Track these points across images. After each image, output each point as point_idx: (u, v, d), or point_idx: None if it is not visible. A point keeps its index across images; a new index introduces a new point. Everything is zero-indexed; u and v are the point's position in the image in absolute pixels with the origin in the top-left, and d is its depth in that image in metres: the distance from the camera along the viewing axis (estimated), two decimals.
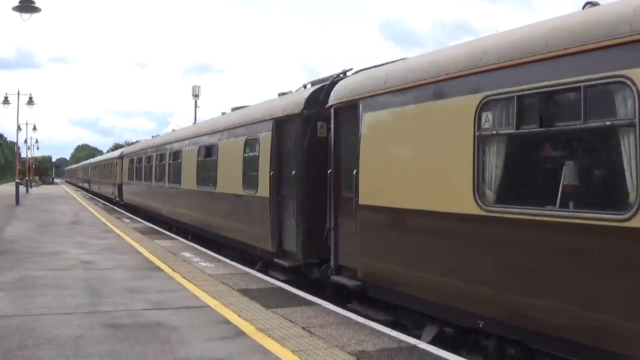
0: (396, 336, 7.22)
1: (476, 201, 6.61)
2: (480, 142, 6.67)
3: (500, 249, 6.43)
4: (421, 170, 7.73)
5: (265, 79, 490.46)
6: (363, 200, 8.83)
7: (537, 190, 6.28)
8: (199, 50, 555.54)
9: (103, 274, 11.44)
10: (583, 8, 6.28)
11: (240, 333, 7.32)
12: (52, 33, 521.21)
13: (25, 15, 19.87)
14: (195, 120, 46.76)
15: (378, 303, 8.84)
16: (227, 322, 7.87)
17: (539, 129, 6.01)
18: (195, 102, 51.15)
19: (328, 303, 9.15)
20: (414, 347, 6.80)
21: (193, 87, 52.05)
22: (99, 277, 11.08)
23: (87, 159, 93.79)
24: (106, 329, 7.37)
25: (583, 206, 5.61)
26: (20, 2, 19.79)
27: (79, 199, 44.28)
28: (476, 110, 6.71)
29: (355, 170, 8.99)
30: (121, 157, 35.38)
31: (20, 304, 8.69)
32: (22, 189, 41.37)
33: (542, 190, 6.17)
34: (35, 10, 19.89)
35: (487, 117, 6.65)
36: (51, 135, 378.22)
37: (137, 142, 43.93)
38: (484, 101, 6.64)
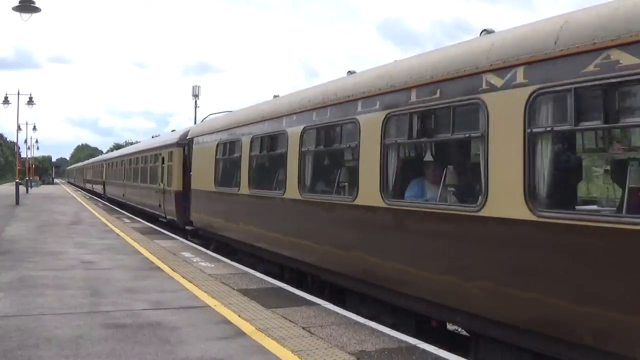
0: (396, 336, 7.23)
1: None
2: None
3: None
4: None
5: (265, 78, 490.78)
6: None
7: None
8: (198, 50, 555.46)
9: (103, 274, 11.44)
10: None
11: (240, 333, 7.32)
12: (50, 33, 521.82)
13: (25, 15, 19.90)
14: (195, 120, 46.67)
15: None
16: (227, 322, 7.87)
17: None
18: (195, 102, 51.24)
19: (328, 303, 9.17)
20: (414, 347, 6.80)
21: (193, 87, 52.18)
22: (99, 277, 11.08)
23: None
24: (106, 329, 7.38)
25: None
26: (20, 2, 19.81)
27: (78, 199, 44.28)
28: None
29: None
30: (185, 141, 20.34)
31: (20, 304, 8.69)
32: (22, 189, 41.37)
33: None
34: (35, 10, 19.92)
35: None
36: (51, 135, 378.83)
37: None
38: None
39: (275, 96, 13.97)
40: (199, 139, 18.26)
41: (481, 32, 7.58)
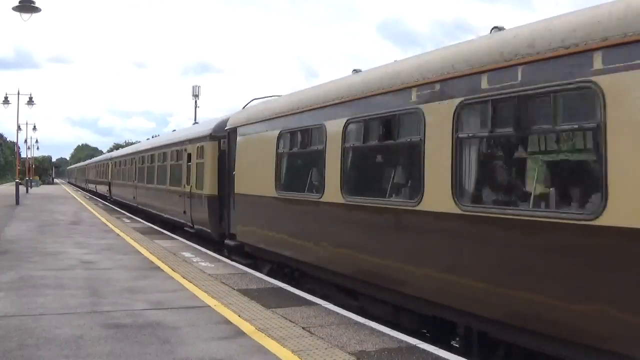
0: (396, 336, 7.23)
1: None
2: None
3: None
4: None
5: (265, 79, 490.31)
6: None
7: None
8: (198, 50, 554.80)
9: (103, 274, 11.44)
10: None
11: (240, 333, 7.32)
12: (50, 33, 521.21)
13: (25, 15, 19.91)
14: (195, 120, 46.64)
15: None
16: (227, 322, 7.87)
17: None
18: (195, 102, 51.23)
19: (328, 303, 9.16)
20: (414, 347, 6.80)
21: (193, 87, 52.21)
22: (99, 277, 11.08)
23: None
24: (106, 329, 7.37)
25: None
26: (20, 2, 19.81)
27: (78, 199, 44.27)
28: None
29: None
30: (222, 132, 16.22)
31: (20, 303, 8.69)
32: (22, 189, 41.38)
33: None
34: (35, 10, 19.94)
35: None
36: (51, 135, 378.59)
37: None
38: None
39: (355, 71, 10.44)
40: (246, 129, 14.03)
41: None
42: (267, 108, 13.31)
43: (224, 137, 16.05)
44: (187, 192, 19.05)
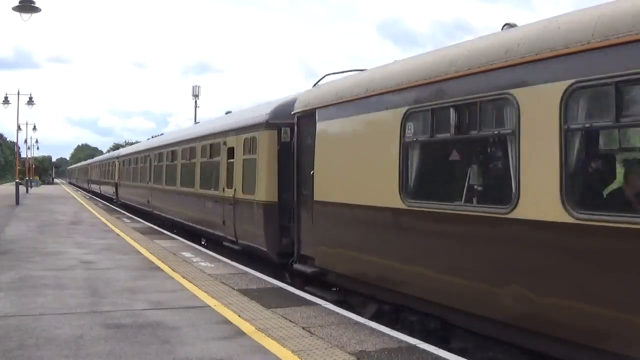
0: (396, 336, 7.23)
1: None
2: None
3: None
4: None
5: (265, 79, 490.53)
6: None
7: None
8: (197, 50, 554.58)
9: (103, 274, 11.44)
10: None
11: (240, 333, 7.32)
12: (50, 33, 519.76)
13: (25, 15, 19.90)
14: (195, 120, 46.61)
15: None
16: (227, 322, 7.87)
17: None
18: (196, 102, 51.23)
19: (328, 303, 9.16)
20: (414, 347, 6.80)
21: (193, 87, 52.22)
22: (99, 277, 11.08)
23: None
24: (106, 329, 7.37)
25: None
26: (20, 2, 19.81)
27: (78, 199, 44.27)
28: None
29: None
30: (288, 119, 12.39)
31: (20, 303, 8.69)
32: (22, 189, 41.36)
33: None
34: (35, 10, 19.93)
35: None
36: (51, 135, 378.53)
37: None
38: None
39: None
40: (331, 111, 10.12)
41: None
42: (375, 78, 9.14)
43: (286, 125, 12.46)
44: (229, 198, 14.89)
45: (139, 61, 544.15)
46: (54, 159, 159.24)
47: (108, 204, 37.93)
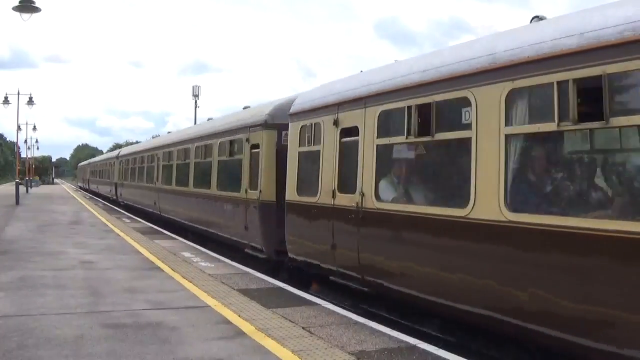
0: (396, 336, 7.23)
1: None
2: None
3: None
4: None
5: (262, 78, 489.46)
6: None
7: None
8: (195, 50, 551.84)
9: (103, 274, 11.44)
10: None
11: (240, 333, 7.32)
12: (47, 32, 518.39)
13: (25, 15, 19.90)
14: (195, 121, 46.58)
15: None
16: (227, 322, 7.87)
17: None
18: (195, 102, 51.28)
19: (328, 303, 9.16)
20: (414, 347, 6.80)
21: (193, 87, 52.38)
22: (99, 277, 11.08)
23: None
24: (106, 328, 7.37)
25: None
26: (20, 2, 19.81)
27: (78, 199, 44.27)
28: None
29: None
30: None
31: (20, 304, 8.68)
32: (22, 188, 41.38)
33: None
34: (36, 10, 19.93)
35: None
36: (51, 135, 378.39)
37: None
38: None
39: None
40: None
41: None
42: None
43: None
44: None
45: (135, 60, 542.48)
46: (53, 159, 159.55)
47: (102, 202, 37.95)
